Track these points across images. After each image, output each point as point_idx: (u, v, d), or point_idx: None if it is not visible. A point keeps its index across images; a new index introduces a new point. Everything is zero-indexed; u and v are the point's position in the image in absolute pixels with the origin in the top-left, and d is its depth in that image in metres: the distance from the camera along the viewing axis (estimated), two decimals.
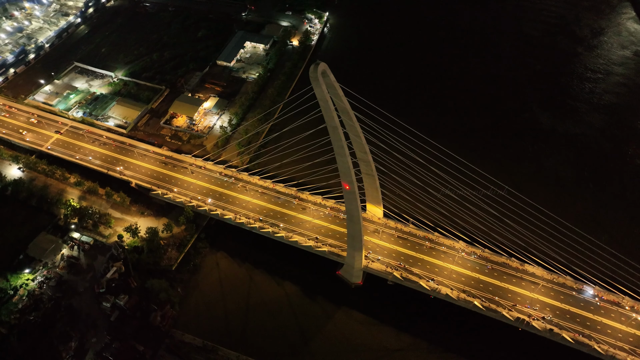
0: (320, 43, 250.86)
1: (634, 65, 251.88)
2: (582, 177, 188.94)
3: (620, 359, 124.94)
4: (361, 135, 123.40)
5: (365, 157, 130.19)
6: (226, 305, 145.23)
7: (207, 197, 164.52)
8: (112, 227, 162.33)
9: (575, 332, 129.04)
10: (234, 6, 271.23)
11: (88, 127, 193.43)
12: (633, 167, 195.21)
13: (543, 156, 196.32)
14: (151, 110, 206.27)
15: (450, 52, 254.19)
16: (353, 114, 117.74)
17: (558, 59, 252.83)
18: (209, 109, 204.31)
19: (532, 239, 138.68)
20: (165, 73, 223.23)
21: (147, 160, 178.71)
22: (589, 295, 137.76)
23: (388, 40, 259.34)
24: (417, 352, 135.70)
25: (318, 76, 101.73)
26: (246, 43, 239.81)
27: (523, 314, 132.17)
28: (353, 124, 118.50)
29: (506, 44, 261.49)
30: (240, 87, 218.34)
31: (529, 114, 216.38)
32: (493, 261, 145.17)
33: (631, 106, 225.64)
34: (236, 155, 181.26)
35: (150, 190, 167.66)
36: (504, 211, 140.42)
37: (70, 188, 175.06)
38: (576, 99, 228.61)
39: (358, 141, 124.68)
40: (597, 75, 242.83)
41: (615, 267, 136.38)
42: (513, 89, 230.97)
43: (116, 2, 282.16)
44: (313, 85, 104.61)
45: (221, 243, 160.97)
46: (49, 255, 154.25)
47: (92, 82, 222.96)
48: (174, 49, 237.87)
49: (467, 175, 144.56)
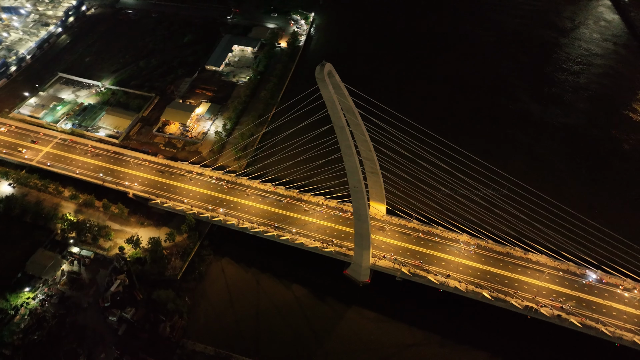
0: (308, 44, 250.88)
1: (614, 54, 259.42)
2: (575, 163, 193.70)
3: (628, 340, 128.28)
4: (366, 134, 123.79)
5: (370, 156, 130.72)
6: (236, 312, 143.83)
7: (207, 203, 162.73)
8: (112, 239, 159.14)
9: (582, 317, 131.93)
10: (218, 10, 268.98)
11: (78, 138, 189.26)
12: (622, 152, 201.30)
13: (536, 145, 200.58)
14: (142, 118, 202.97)
15: (435, 45, 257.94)
16: (358, 113, 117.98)
17: (541, 50, 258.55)
18: (202, 115, 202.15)
19: (533, 227, 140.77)
20: (154, 80, 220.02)
21: (143, 170, 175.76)
22: (592, 279, 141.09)
23: (374, 37, 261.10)
24: (430, 345, 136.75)
25: (325, 77, 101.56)
26: (234, 46, 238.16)
27: (531, 302, 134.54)
28: (358, 123, 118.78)
29: (490, 37, 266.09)
30: (231, 91, 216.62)
31: (520, 104, 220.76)
32: (497, 251, 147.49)
33: (614, 93, 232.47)
34: (233, 160, 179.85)
35: (149, 199, 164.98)
36: (505, 199, 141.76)
37: (65, 202, 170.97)
38: (562, 88, 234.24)
39: (363, 140, 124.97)
40: (580, 65, 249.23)
41: (615, 249, 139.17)
42: (501, 80, 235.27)
43: (97, 10, 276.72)
44: (320, 86, 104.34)
45: (225, 249, 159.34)
46: (49, 271, 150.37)
47: (78, 92, 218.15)
48: (161, 56, 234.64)
49: (465, 165, 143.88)
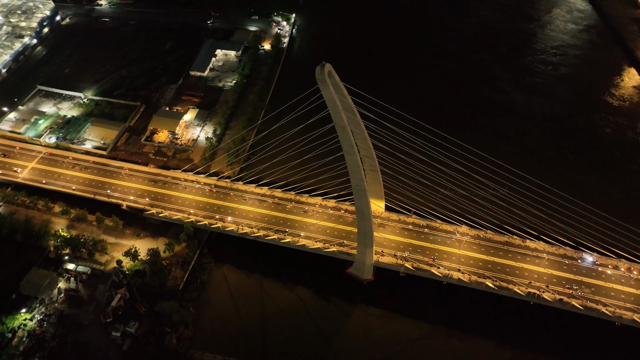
0: (291, 45, 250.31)
1: (588, 42, 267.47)
2: (561, 149, 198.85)
3: (627, 318, 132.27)
4: (365, 132, 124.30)
5: (370, 153, 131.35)
6: (241, 318, 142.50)
7: (204, 210, 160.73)
8: (108, 253, 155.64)
9: (583, 299, 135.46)
10: (197, 15, 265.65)
11: (64, 152, 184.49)
12: (603, 135, 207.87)
13: (523, 133, 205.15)
14: (129, 128, 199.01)
15: (417, 39, 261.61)
16: (357, 112, 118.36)
17: (519, 40, 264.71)
18: (190, 121, 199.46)
19: (530, 214, 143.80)
20: (138, 89, 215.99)
21: (135, 180, 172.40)
22: (588, 262, 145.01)
23: (355, 34, 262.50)
24: (438, 338, 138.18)
25: (325, 78, 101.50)
26: (217, 51, 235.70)
27: (534, 288, 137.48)
28: (358, 121, 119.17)
29: (470, 30, 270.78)
30: (218, 96, 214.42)
31: (504, 95, 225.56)
32: (496, 241, 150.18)
33: (592, 79, 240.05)
34: (226, 165, 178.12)
35: (144, 210, 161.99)
36: (499, 187, 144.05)
37: (56, 218, 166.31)
38: (543, 77, 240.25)
39: (363, 138, 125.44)
40: (558, 54, 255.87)
41: (608, 230, 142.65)
42: (484, 72, 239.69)
43: (72, 20, 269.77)
44: (320, 86, 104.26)
45: (225, 256, 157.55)
46: (45, 290, 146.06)
47: (60, 104, 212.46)
48: (143, 64, 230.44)
49: (457, 154, 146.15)
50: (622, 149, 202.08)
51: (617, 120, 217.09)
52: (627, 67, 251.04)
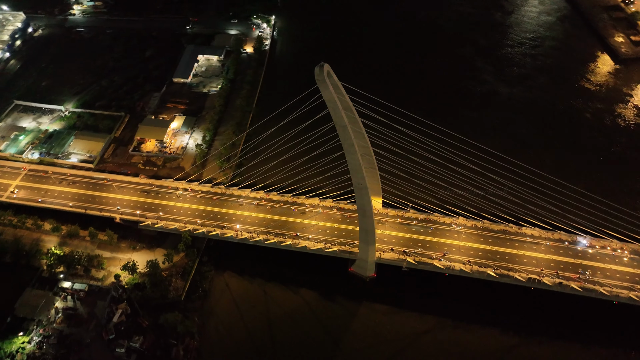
0: (273, 47, 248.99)
1: (561, 30, 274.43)
2: (547, 136, 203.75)
3: (624, 297, 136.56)
4: (363, 130, 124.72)
5: (368, 151, 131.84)
6: (247, 325, 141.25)
7: (201, 218, 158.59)
8: (104, 268, 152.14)
9: (581, 281, 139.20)
10: (175, 21, 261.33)
11: (49, 167, 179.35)
12: (585, 120, 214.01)
13: (508, 122, 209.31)
14: (115, 139, 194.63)
15: (397, 34, 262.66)
16: (355, 110, 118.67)
17: (497, 33, 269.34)
18: (178, 129, 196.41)
19: (524, 201, 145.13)
20: (121, 99, 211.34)
21: (126, 192, 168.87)
22: (583, 244, 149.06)
23: (336, 33, 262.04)
24: (444, 330, 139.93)
25: (325, 78, 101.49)
26: (199, 56, 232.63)
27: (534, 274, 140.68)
28: (356, 120, 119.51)
29: (449, 24, 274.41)
30: (204, 102, 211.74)
31: (487, 86, 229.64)
32: (493, 230, 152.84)
33: (568, 66, 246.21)
34: (219, 171, 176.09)
35: (138, 222, 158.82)
36: (493, 176, 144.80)
37: (46, 235, 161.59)
38: (522, 66, 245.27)
39: (361, 136, 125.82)
40: (534, 43, 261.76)
41: (599, 212, 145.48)
42: (466, 64, 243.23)
43: (45, 31, 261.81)
44: (320, 87, 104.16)
45: (226, 263, 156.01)
46: (42, 311, 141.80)
47: (40, 119, 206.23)
48: (124, 73, 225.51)
49: (449, 144, 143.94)
50: (603, 132, 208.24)
51: (596, 105, 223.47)
52: (600, 53, 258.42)
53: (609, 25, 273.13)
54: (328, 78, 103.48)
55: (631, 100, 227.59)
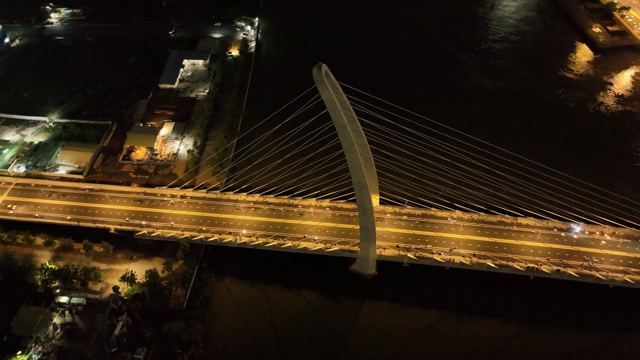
0: (259, 49, 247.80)
1: (540, 22, 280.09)
2: (534, 126, 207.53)
3: (619, 280, 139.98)
4: (361, 129, 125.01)
5: (365, 150, 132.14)
6: (252, 329, 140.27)
7: (198, 225, 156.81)
8: (102, 280, 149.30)
9: (578, 267, 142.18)
10: (157, 26, 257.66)
11: (37, 181, 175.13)
12: (569, 109, 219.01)
13: (496, 113, 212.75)
14: (104, 148, 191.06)
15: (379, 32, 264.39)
16: (353, 110, 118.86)
17: (478, 27, 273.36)
18: (168, 136, 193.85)
19: (518, 191, 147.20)
20: (107, 107, 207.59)
21: (119, 202, 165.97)
22: (577, 231, 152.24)
23: (319, 33, 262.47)
24: (448, 323, 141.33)
25: (323, 78, 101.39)
26: (184, 61, 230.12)
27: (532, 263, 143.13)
28: (354, 119, 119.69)
29: (430, 19, 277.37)
30: (192, 107, 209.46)
31: (473, 79, 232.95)
32: (490, 222, 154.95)
33: (550, 57, 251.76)
34: (212, 176, 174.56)
35: (134, 232, 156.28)
36: (486, 167, 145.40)
37: (39, 250, 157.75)
38: (505, 59, 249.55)
39: (359, 135, 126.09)
40: (515, 35, 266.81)
41: (591, 199, 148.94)
42: (451, 59, 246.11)
43: (22, 41, 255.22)
44: (319, 87, 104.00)
45: (226, 268, 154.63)
46: (40, 328, 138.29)
47: (24, 131, 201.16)
48: (109, 81, 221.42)
49: (440, 137, 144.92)
50: (588, 120, 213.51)
51: (579, 95, 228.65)
52: (579, 43, 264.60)
53: (586, 16, 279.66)
54: (326, 78, 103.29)
55: (611, 88, 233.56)
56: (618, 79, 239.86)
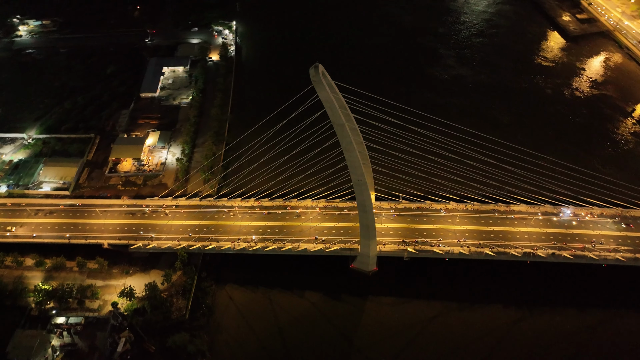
0: (239, 52, 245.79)
1: (513, 13, 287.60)
2: (515, 114, 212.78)
3: (612, 259, 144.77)
4: (357, 127, 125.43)
5: (362, 147, 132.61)
6: (257, 335, 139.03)
7: (194, 233, 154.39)
8: (99, 297, 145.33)
9: (572, 249, 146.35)
10: (132, 34, 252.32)
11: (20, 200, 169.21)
12: (547, 96, 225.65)
13: (478, 103, 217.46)
14: (88, 162, 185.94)
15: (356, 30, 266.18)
16: (348, 108, 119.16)
17: (452, 19, 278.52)
18: (154, 145, 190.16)
19: (507, 180, 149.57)
20: (88, 119, 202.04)
21: (110, 216, 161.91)
22: (567, 215, 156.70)
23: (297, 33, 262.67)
24: (451, 313, 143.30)
25: (320, 79, 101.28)
26: (164, 69, 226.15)
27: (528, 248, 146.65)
28: (351, 117, 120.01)
29: (407, 15, 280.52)
30: (176, 114, 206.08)
31: (452, 71, 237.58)
32: (484, 210, 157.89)
33: (524, 46, 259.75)
34: (204, 183, 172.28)
35: (128, 245, 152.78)
36: (477, 156, 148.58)
37: (29, 272, 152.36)
38: (482, 49, 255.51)
39: (356, 133, 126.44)
40: (489, 26, 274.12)
41: (578, 181, 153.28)
42: (429, 53, 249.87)
43: None
44: (316, 88, 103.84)
45: (225, 276, 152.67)
46: (38, 352, 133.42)
47: (1, 149, 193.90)
48: (87, 92, 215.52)
49: (431, 129, 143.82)
50: (566, 105, 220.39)
51: (555, 81, 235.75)
52: (551, 32, 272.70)
53: (555, 5, 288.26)
54: (323, 78, 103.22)
55: (585, 73, 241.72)
56: (591, 64, 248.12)
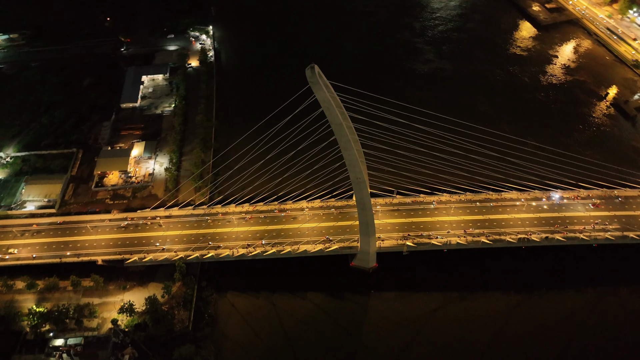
0: (218, 57, 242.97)
1: (484, 4, 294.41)
2: (496, 103, 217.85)
3: (601, 238, 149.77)
4: (352, 126, 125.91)
5: (358, 146, 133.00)
6: (263, 341, 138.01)
7: (190, 243, 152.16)
8: (97, 315, 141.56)
9: (564, 232, 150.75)
10: (107, 44, 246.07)
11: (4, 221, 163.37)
12: (524, 83, 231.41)
13: (459, 94, 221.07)
14: (72, 178, 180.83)
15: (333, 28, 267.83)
16: (344, 107, 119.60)
17: (428, 15, 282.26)
18: (140, 156, 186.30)
19: (495, 166, 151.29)
20: (69, 134, 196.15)
21: (101, 232, 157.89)
22: (556, 198, 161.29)
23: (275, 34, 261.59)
24: (453, 303, 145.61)
25: (318, 79, 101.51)
26: (143, 77, 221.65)
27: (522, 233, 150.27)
28: (346, 116, 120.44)
29: (383, 12, 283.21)
30: (160, 124, 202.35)
31: (433, 64, 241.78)
32: (476, 200, 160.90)
33: (499, 37, 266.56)
34: (195, 192, 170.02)
35: (123, 260, 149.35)
36: (465, 146, 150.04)
37: (21, 295, 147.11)
38: (458, 42, 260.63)
39: (351, 130, 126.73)
40: (463, 19, 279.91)
41: (562, 164, 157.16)
42: (408, 48, 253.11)
43: None
44: (314, 88, 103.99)
45: (226, 284, 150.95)
46: None
47: None
48: (64, 106, 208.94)
49: (418, 121, 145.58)
50: (542, 92, 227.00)
51: (530, 69, 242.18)
52: (522, 22, 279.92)
53: None
54: (319, 79, 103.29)
55: (558, 61, 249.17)
56: (563, 52, 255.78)
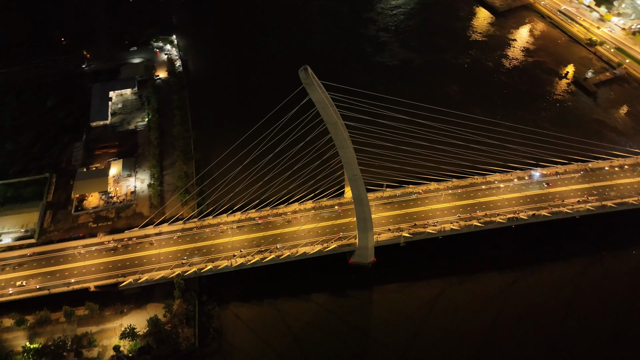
0: (186, 66, 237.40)
1: None
2: (467, 89, 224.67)
3: (583, 210, 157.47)
4: (343, 124, 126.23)
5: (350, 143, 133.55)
6: (273, 348, 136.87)
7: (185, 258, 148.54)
8: (97, 344, 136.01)
9: (549, 207, 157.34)
10: (66, 61, 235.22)
11: None
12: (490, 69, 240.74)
13: (430, 82, 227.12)
14: (49, 204, 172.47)
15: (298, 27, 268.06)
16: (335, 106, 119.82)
17: (386, 8, 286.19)
18: (119, 174, 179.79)
19: (478, 152, 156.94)
20: (39, 158, 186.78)
21: (89, 257, 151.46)
22: (538, 176, 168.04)
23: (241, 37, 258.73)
24: (453, 287, 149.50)
25: (312, 80, 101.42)
26: (110, 93, 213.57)
27: None
28: (339, 115, 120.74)
29: (344, 8, 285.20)
30: (135, 139, 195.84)
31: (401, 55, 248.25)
32: (463, 186, 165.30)
33: (459, 25, 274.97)
34: (181, 205, 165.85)
35: (117, 284, 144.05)
36: (447, 136, 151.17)
37: (9, 333, 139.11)
38: (420, 33, 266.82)
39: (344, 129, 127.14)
40: (422, 10, 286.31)
41: (540, 143, 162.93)
42: (373, 42, 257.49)
43: None
44: (308, 89, 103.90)
45: (227, 295, 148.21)
46: None
47: None
48: (29, 130, 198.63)
49: (397, 113, 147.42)
50: (506, 75, 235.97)
51: (492, 54, 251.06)
52: (479, 9, 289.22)
53: None
54: (313, 79, 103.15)
55: (517, 44, 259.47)
56: (520, 35, 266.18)
